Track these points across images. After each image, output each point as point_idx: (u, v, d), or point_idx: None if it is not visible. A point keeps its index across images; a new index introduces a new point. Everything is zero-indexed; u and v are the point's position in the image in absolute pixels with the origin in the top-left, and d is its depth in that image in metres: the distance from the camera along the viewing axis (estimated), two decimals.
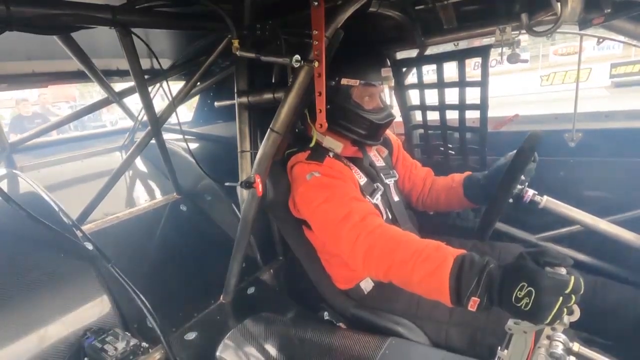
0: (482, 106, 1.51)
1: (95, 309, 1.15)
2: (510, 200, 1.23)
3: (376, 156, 1.47)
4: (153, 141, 1.60)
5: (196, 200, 1.87)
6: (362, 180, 1.31)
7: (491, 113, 1.55)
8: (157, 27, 1.18)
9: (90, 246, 1.14)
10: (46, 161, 1.85)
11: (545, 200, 1.26)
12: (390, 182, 1.43)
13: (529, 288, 0.73)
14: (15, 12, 0.83)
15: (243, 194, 1.30)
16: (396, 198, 1.42)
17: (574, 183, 1.59)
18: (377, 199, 1.32)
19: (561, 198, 1.30)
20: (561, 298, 0.72)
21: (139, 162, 2.03)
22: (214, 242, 1.74)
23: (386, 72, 1.31)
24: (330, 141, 1.33)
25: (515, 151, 1.21)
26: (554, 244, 1.61)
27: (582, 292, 0.73)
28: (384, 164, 1.47)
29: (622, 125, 1.58)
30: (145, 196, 1.90)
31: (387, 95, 1.82)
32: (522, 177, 1.24)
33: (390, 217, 1.36)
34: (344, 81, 1.25)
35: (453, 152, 1.78)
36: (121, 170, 1.58)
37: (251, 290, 1.55)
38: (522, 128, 1.80)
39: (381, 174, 1.40)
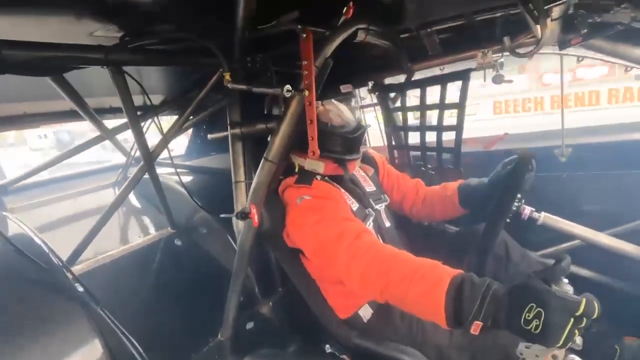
0: (458, 128, 1.55)
1: (87, 354, 1.09)
2: (508, 220, 1.23)
3: (366, 180, 1.47)
4: (147, 176, 1.59)
5: (191, 234, 1.84)
6: (355, 206, 1.31)
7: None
8: (149, 64, 1.20)
9: (80, 288, 1.10)
10: (37, 201, 1.81)
11: (544, 217, 1.26)
12: (381, 207, 1.42)
13: (538, 309, 0.71)
14: (8, 56, 0.84)
15: (239, 225, 1.28)
16: (387, 224, 1.41)
17: (569, 198, 1.59)
18: (369, 224, 1.31)
19: (559, 213, 1.30)
20: (572, 319, 0.70)
21: (133, 198, 2.00)
22: (210, 276, 1.69)
23: (346, 88, 1.35)
24: (311, 163, 1.34)
25: (511, 157, 1.24)
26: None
27: (596, 316, 0.71)
28: (374, 189, 1.47)
29: (610, 138, 1.61)
30: (139, 232, 1.86)
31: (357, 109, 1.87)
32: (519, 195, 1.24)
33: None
34: None
35: (433, 172, 1.80)
36: (113, 207, 1.56)
37: (250, 325, 1.49)
38: (513, 146, 1.83)
39: (371, 200, 1.40)
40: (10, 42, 0.83)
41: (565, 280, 0.81)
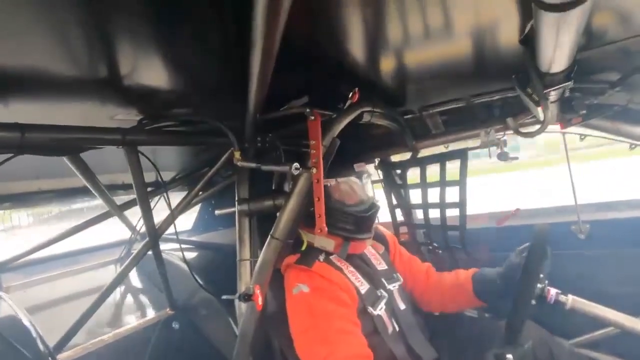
0: (461, 205, 1.55)
1: None
2: (533, 302, 1.13)
3: (377, 258, 1.41)
4: (150, 252, 1.55)
5: (190, 315, 1.72)
6: (364, 287, 1.24)
7: None
8: (164, 144, 1.25)
9: None
10: (35, 279, 1.76)
11: (572, 300, 1.16)
12: (394, 287, 1.33)
13: None
14: (29, 138, 0.87)
15: (241, 307, 1.20)
16: (402, 306, 1.31)
17: (596, 278, 1.49)
18: (381, 308, 1.22)
19: (586, 295, 1.20)
20: None
21: (134, 276, 1.94)
22: None
23: (359, 167, 1.36)
24: (322, 240, 1.30)
25: (525, 245, 1.18)
26: (591, 351, 1.43)
27: None
28: (385, 267, 1.39)
29: (629, 214, 1.56)
30: (136, 313, 1.75)
31: (370, 187, 1.87)
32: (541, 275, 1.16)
33: (397, 329, 1.23)
34: None
35: (440, 251, 1.74)
36: (112, 286, 1.49)
37: None
38: (526, 222, 1.78)
39: (383, 279, 1.32)
40: (33, 125, 0.88)
41: None
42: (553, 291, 1.18)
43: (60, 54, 0.70)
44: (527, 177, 12.29)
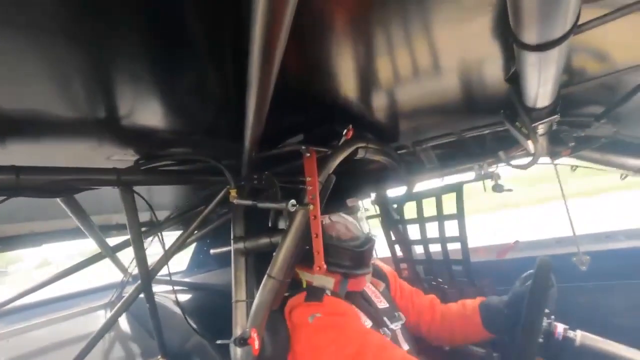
0: (461, 238, 1.54)
1: None
2: (541, 340, 1.09)
3: (377, 296, 1.37)
4: (142, 296, 1.50)
5: None
6: (367, 324, 1.20)
7: None
8: (159, 184, 1.25)
9: None
10: (20, 328, 1.68)
11: (581, 336, 1.12)
12: (397, 327, 1.29)
13: None
14: (24, 180, 0.87)
15: (237, 353, 1.14)
16: (406, 347, 1.26)
17: (603, 311, 1.45)
18: None
19: (595, 330, 1.16)
20: None
21: (123, 321, 1.85)
22: None
23: (352, 202, 1.36)
24: (320, 279, 1.27)
25: (528, 272, 1.18)
26: None
27: None
28: (387, 305, 1.35)
29: (628, 245, 1.55)
30: None
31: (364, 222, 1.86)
32: (546, 310, 1.13)
33: None
34: None
35: (446, 286, 1.71)
36: (101, 333, 1.42)
37: None
38: (527, 254, 1.76)
39: (385, 318, 1.28)
40: (27, 167, 0.87)
41: None
42: (561, 327, 1.14)
43: (61, 98, 0.72)
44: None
